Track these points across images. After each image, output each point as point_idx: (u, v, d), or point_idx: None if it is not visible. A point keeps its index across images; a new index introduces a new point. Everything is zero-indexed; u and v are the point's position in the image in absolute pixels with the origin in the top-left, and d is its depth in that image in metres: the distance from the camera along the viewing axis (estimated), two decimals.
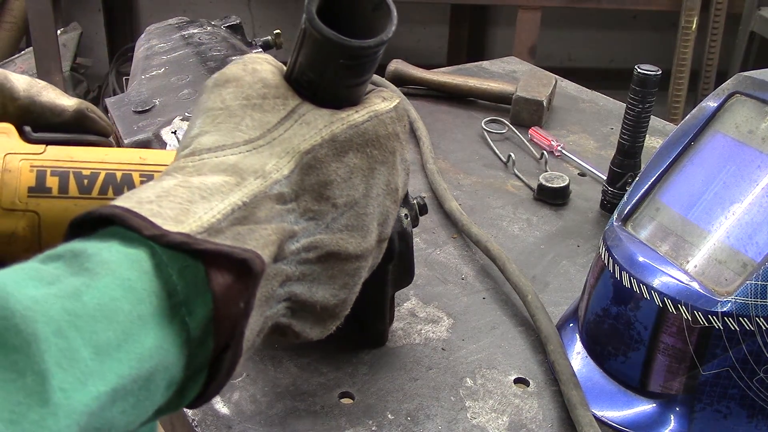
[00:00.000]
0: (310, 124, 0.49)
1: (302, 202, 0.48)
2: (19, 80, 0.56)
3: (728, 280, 0.61)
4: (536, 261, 0.89)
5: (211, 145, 0.46)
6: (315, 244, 0.49)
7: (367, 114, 0.51)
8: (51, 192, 0.54)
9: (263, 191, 0.45)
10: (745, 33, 2.92)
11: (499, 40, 3.67)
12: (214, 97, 0.49)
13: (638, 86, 0.91)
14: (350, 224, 0.51)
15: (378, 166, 0.52)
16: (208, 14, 1.19)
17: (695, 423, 0.63)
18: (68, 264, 0.37)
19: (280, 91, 0.50)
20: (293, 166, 0.47)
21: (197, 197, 0.42)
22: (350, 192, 0.50)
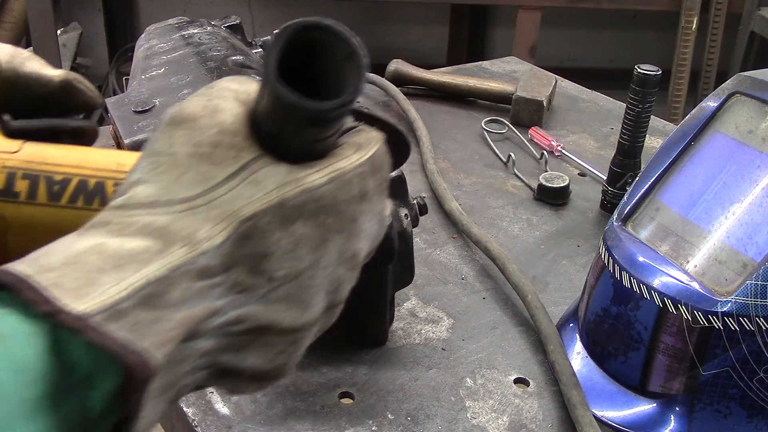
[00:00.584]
0: (260, 184, 0.43)
1: (233, 275, 0.42)
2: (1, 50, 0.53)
3: (728, 280, 0.61)
4: (536, 261, 0.89)
5: (144, 200, 0.42)
6: (243, 318, 0.43)
7: (328, 175, 0.45)
8: (18, 197, 0.52)
9: (186, 263, 0.40)
10: (745, 33, 2.92)
11: (499, 40, 3.67)
12: (164, 139, 0.44)
13: (638, 86, 0.91)
14: (289, 296, 0.45)
15: (332, 235, 0.46)
16: (208, 14, 1.19)
17: (695, 423, 0.63)
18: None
19: (236, 140, 0.44)
20: (228, 234, 0.42)
21: (109, 266, 0.39)
22: (293, 264, 0.44)
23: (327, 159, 0.46)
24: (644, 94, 0.91)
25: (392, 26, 3.63)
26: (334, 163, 0.46)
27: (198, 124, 0.44)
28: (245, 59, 0.96)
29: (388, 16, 3.60)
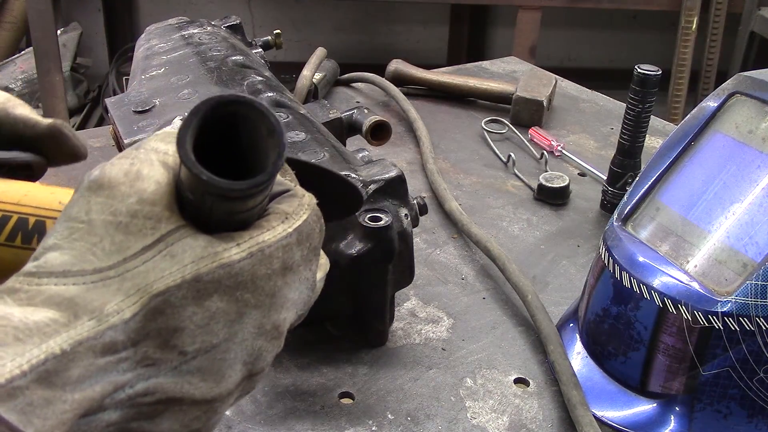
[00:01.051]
0: (175, 257, 0.42)
1: (141, 350, 0.42)
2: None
3: (728, 280, 0.61)
4: (536, 261, 0.89)
5: (56, 269, 0.41)
6: (152, 390, 0.43)
7: (248, 249, 0.44)
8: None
9: (91, 338, 0.40)
10: (745, 33, 2.92)
11: (499, 40, 3.67)
12: (82, 204, 0.43)
13: (638, 86, 0.91)
14: (202, 368, 0.44)
15: (249, 310, 0.45)
16: (208, 14, 1.19)
17: (695, 423, 0.63)
18: None
19: (155, 209, 0.43)
20: (138, 308, 0.41)
21: (11, 338, 0.38)
22: (206, 338, 0.43)
23: (249, 231, 0.45)
24: (644, 94, 0.91)
25: (392, 26, 3.63)
26: (256, 236, 0.45)
27: (117, 192, 0.43)
28: (245, 59, 0.96)
29: (388, 16, 3.61)
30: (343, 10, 3.54)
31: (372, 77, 1.34)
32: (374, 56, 3.12)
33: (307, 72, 1.18)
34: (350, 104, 1.28)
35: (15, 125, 0.53)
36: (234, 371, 0.45)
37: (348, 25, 3.58)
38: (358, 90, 1.37)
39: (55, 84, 2.80)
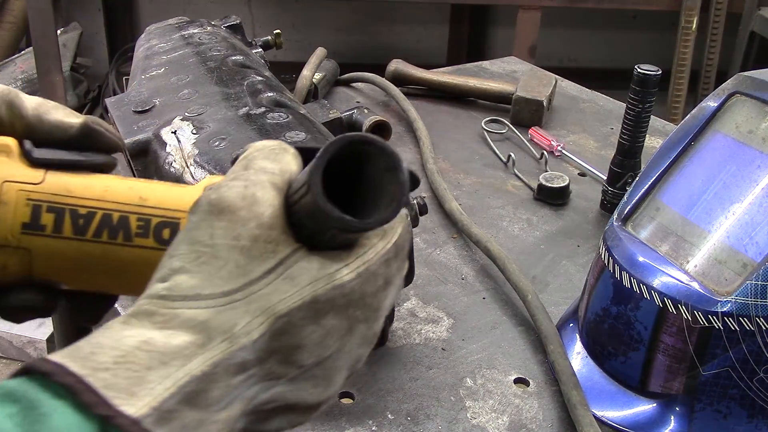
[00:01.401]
0: (294, 280, 0.46)
1: (266, 366, 0.45)
2: (29, 99, 0.55)
3: (728, 280, 0.61)
4: (536, 261, 0.89)
5: (187, 292, 0.44)
6: (272, 400, 0.47)
7: (356, 270, 0.47)
8: (45, 230, 0.52)
9: (226, 359, 0.43)
10: (745, 33, 2.92)
11: (499, 40, 3.67)
12: (205, 228, 0.47)
13: (638, 86, 0.91)
14: (315, 377, 0.48)
15: (358, 324, 0.49)
16: (208, 14, 1.19)
17: (695, 423, 0.63)
18: (23, 416, 0.37)
19: (273, 234, 0.46)
20: (264, 329, 0.44)
21: (156, 363, 0.41)
22: (321, 352, 0.47)
23: (355, 251, 0.48)
24: (644, 94, 0.91)
25: (392, 26, 3.63)
26: (361, 255, 0.48)
27: (237, 216, 0.46)
28: (245, 59, 0.96)
29: (388, 16, 3.60)
30: (343, 10, 3.54)
31: (372, 77, 1.33)
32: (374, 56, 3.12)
33: (307, 72, 1.18)
34: (350, 104, 1.28)
35: (50, 132, 0.55)
36: (341, 376, 0.49)
37: (348, 25, 3.58)
38: (358, 90, 1.37)
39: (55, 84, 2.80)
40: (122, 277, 0.55)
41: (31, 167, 0.54)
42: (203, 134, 0.77)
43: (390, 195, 0.45)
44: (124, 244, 0.53)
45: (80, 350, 0.42)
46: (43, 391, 0.39)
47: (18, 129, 0.55)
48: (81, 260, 0.53)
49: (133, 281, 0.55)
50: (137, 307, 0.44)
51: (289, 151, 0.51)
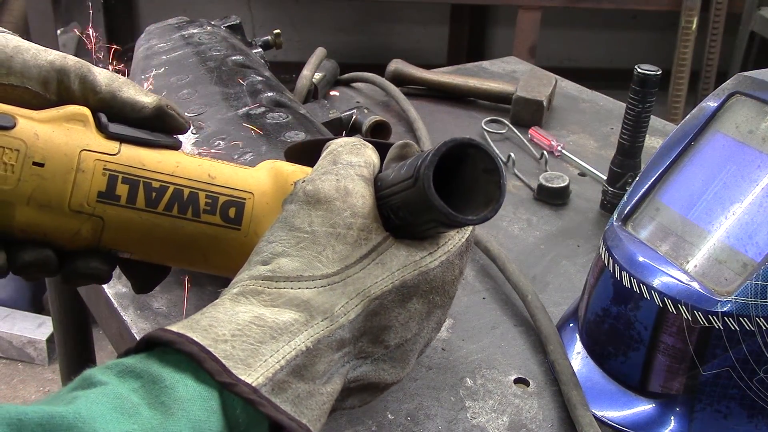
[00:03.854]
0: (386, 265, 0.50)
1: (359, 344, 0.49)
2: (101, 74, 0.57)
3: (728, 280, 0.61)
4: (536, 261, 0.89)
5: (290, 273, 0.48)
6: (359, 378, 0.50)
7: (439, 259, 0.52)
8: (119, 200, 0.54)
9: (327, 336, 0.47)
10: (745, 33, 2.92)
11: (499, 40, 3.67)
12: (303, 216, 0.50)
13: (638, 86, 0.91)
14: (395, 358, 0.52)
15: (436, 309, 0.53)
16: (208, 14, 1.19)
17: (695, 423, 0.63)
18: (147, 390, 0.40)
19: (366, 222, 0.50)
20: (360, 310, 0.48)
21: (267, 337, 0.45)
22: (404, 334, 0.51)
23: (435, 241, 0.53)
24: (644, 94, 0.91)
25: (392, 26, 3.63)
26: (442, 245, 0.52)
27: (333, 206, 0.50)
28: (245, 59, 0.96)
29: (388, 16, 3.60)
30: (343, 10, 3.54)
31: (372, 77, 1.33)
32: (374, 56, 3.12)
33: (307, 72, 1.18)
34: (350, 104, 1.27)
35: (123, 109, 0.57)
36: (414, 358, 0.54)
37: (348, 25, 3.58)
38: (358, 90, 1.37)
39: None
40: (185, 251, 0.57)
41: (106, 139, 0.55)
42: (203, 134, 0.77)
43: (488, 194, 0.48)
44: (193, 219, 0.56)
45: (198, 323, 0.45)
46: (163, 365, 0.42)
47: (91, 102, 0.56)
48: (150, 231, 0.55)
49: (194, 255, 0.58)
50: (242, 287, 0.48)
51: (368, 146, 0.56)
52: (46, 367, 2.39)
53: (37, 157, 0.52)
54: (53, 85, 0.55)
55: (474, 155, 0.49)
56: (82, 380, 0.41)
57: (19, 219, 0.52)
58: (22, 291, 2.49)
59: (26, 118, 0.53)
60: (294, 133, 0.78)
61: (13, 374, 2.37)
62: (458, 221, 0.47)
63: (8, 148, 0.51)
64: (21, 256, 0.54)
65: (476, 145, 0.48)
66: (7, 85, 0.54)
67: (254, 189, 0.58)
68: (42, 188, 0.52)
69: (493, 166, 0.48)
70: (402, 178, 0.49)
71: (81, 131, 0.54)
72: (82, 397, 0.38)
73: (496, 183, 0.48)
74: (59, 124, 0.54)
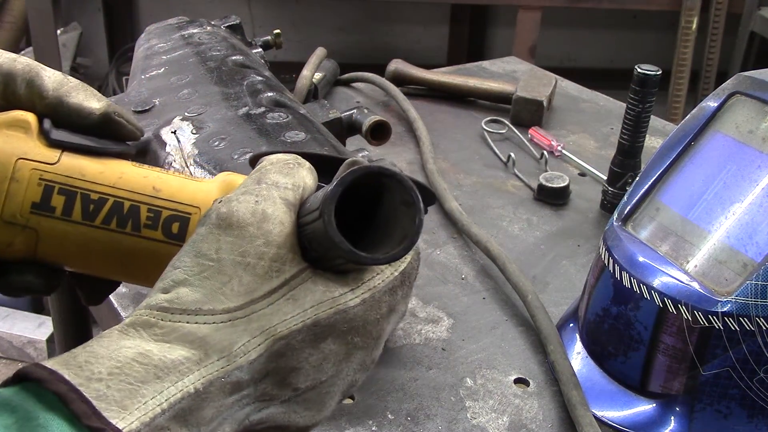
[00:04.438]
0: (297, 301, 0.45)
1: (260, 387, 0.45)
2: (49, 78, 0.54)
3: (728, 280, 0.61)
4: (536, 261, 0.89)
5: (188, 305, 0.44)
6: (264, 420, 0.46)
7: (362, 296, 0.47)
8: (54, 212, 0.52)
9: (220, 377, 0.43)
10: (745, 33, 2.92)
11: (499, 40, 3.67)
12: (212, 241, 0.46)
13: (638, 86, 0.91)
14: (308, 400, 0.47)
15: (356, 351, 0.48)
16: (208, 14, 1.19)
17: (695, 423, 0.63)
18: (20, 427, 0.37)
19: (281, 252, 0.45)
20: (263, 350, 0.44)
21: (151, 376, 0.41)
22: (317, 376, 0.46)
23: (361, 275, 0.48)
24: (644, 94, 0.91)
25: (392, 26, 3.63)
26: (367, 281, 0.47)
27: (245, 232, 0.45)
28: (245, 59, 0.96)
29: (388, 16, 3.60)
30: (343, 10, 3.54)
31: (372, 77, 1.33)
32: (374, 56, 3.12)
33: (307, 72, 1.18)
34: (350, 104, 1.28)
35: (70, 115, 0.54)
36: (334, 401, 0.49)
37: (348, 25, 3.58)
38: (358, 90, 1.37)
39: None
40: (126, 266, 0.55)
41: (47, 147, 0.53)
42: (203, 134, 0.77)
43: (404, 230, 0.44)
44: (132, 233, 0.53)
45: (76, 358, 0.41)
46: (38, 402, 0.38)
47: (38, 107, 0.54)
48: (87, 245, 0.53)
49: (136, 271, 0.55)
50: (136, 316, 0.44)
51: (304, 165, 0.50)
52: None
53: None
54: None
55: (390, 186, 0.44)
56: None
57: None
58: None
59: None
60: (294, 133, 0.78)
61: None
62: (363, 261, 0.43)
63: None
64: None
65: (390, 174, 0.43)
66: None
67: (201, 203, 0.54)
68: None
69: (409, 198, 0.43)
70: (311, 209, 0.45)
71: (20, 138, 0.52)
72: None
73: (411, 218, 0.43)
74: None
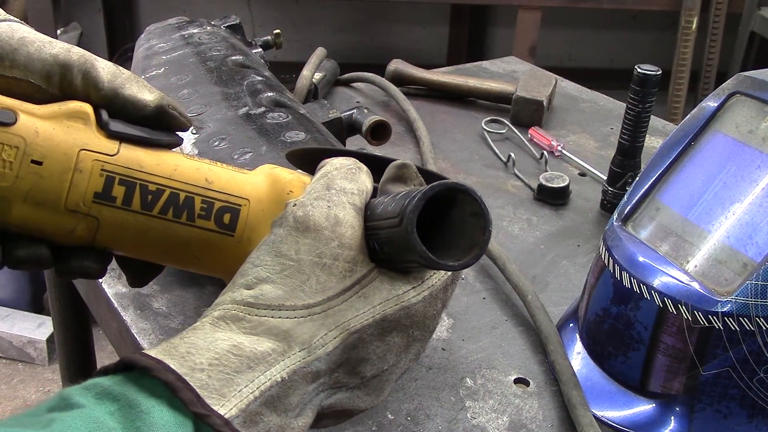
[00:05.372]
0: (368, 299, 0.50)
1: (334, 375, 0.49)
2: (104, 69, 0.56)
3: (728, 280, 0.61)
4: (536, 261, 0.89)
5: (272, 301, 0.48)
6: (332, 406, 0.50)
7: (423, 294, 0.51)
8: (115, 202, 0.54)
9: (303, 367, 0.47)
10: (745, 33, 2.92)
11: (499, 40, 3.67)
12: (291, 243, 0.50)
13: (638, 86, 0.91)
14: (370, 387, 0.52)
15: (415, 343, 0.53)
16: (208, 14, 1.19)
17: (695, 423, 0.63)
18: (123, 414, 0.40)
19: (353, 254, 0.50)
20: (338, 342, 0.48)
21: (244, 367, 0.45)
22: (381, 366, 0.51)
23: (420, 274, 0.52)
24: (644, 94, 0.91)
25: (392, 26, 3.63)
26: (427, 279, 0.52)
27: (321, 235, 0.50)
28: (245, 59, 0.96)
29: (388, 16, 3.60)
30: (343, 10, 3.54)
31: (372, 77, 1.33)
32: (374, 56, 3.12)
33: (307, 72, 1.18)
34: (350, 104, 1.28)
35: (124, 107, 0.57)
36: (390, 386, 0.54)
37: (348, 25, 3.58)
38: (358, 90, 1.37)
39: None
40: (177, 253, 0.57)
41: (106, 138, 0.55)
42: (203, 134, 0.77)
43: (472, 239, 0.48)
44: (187, 223, 0.56)
45: (177, 348, 0.45)
46: (139, 390, 0.42)
47: (93, 98, 0.56)
48: (143, 233, 0.55)
49: (187, 258, 0.58)
50: (225, 310, 0.48)
51: (363, 169, 0.55)
52: (46, 367, 2.39)
53: (36, 155, 0.52)
54: (56, 80, 0.55)
55: (462, 199, 0.49)
56: (59, 399, 0.41)
57: (15, 215, 0.52)
58: (22, 291, 2.49)
59: (27, 114, 0.53)
60: (294, 133, 0.78)
61: (13, 374, 2.37)
62: (439, 266, 0.47)
63: (8, 145, 0.51)
64: (16, 251, 0.54)
65: (464, 190, 0.48)
66: (10, 77, 0.54)
67: (250, 196, 0.58)
68: (39, 186, 0.52)
69: (479, 210, 0.48)
70: (388, 215, 0.49)
71: (81, 129, 0.54)
72: (58, 420, 0.38)
73: (481, 228, 0.48)
74: (60, 122, 0.53)
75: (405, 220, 0.46)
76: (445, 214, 0.50)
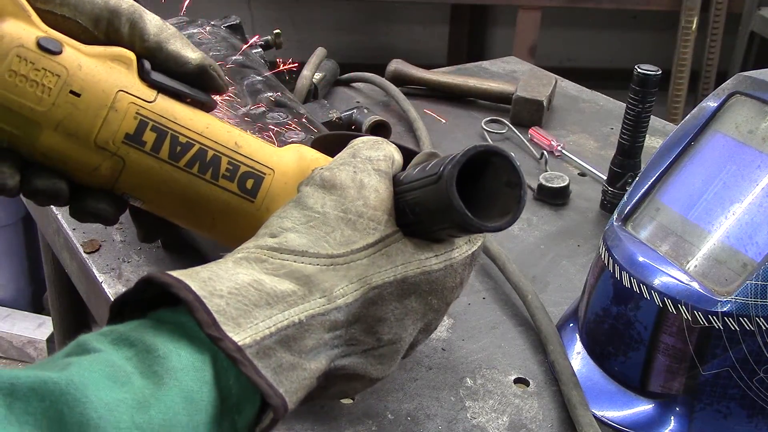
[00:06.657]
0: (390, 257, 0.50)
1: (351, 331, 0.50)
2: (151, 22, 0.58)
3: (728, 280, 0.61)
4: (536, 261, 0.89)
5: (296, 248, 0.48)
6: (346, 367, 0.51)
7: (443, 262, 0.52)
8: (144, 146, 0.55)
9: (321, 314, 0.47)
10: (745, 33, 2.92)
11: (499, 40, 3.67)
12: (317, 198, 0.51)
13: (638, 86, 0.91)
14: (384, 355, 0.52)
15: (431, 313, 0.53)
16: (208, 14, 1.19)
17: (695, 423, 0.63)
18: (140, 359, 0.40)
19: (377, 214, 0.51)
20: (359, 295, 0.49)
21: (263, 302, 0.45)
22: (398, 331, 0.51)
23: (443, 245, 0.53)
24: (644, 94, 0.91)
25: (392, 26, 3.63)
26: (449, 251, 0.53)
27: (347, 193, 0.51)
28: (245, 59, 0.96)
29: (388, 16, 3.60)
30: (343, 10, 3.54)
31: (372, 77, 1.33)
32: (374, 56, 3.12)
33: (307, 72, 1.18)
34: (350, 104, 1.28)
35: (167, 61, 0.58)
36: (399, 357, 0.54)
37: (348, 25, 3.58)
38: (358, 90, 1.37)
39: None
40: (196, 211, 0.58)
41: (146, 85, 0.56)
42: None
43: (506, 206, 0.49)
44: (210, 180, 0.57)
45: (198, 273, 0.45)
46: (157, 334, 0.42)
47: (137, 48, 0.57)
48: (166, 183, 0.56)
49: (203, 217, 0.59)
50: (247, 252, 0.48)
51: (390, 144, 0.56)
52: None
53: (75, 87, 0.53)
54: (103, 25, 0.56)
55: (498, 165, 0.49)
56: (76, 345, 0.41)
57: (43, 142, 0.53)
58: (22, 291, 2.49)
59: (74, 48, 0.54)
60: (294, 133, 0.78)
61: None
62: (473, 225, 0.47)
63: (50, 72, 0.52)
64: (35, 181, 0.55)
65: (504, 155, 0.49)
66: (59, 15, 0.55)
67: (276, 167, 0.59)
68: (73, 117, 0.53)
69: (516, 179, 0.49)
70: (425, 175, 0.50)
71: (123, 72, 0.55)
72: (75, 364, 0.38)
73: (516, 197, 0.49)
74: (103, 61, 0.55)
75: (445, 174, 0.47)
76: (476, 183, 0.50)
